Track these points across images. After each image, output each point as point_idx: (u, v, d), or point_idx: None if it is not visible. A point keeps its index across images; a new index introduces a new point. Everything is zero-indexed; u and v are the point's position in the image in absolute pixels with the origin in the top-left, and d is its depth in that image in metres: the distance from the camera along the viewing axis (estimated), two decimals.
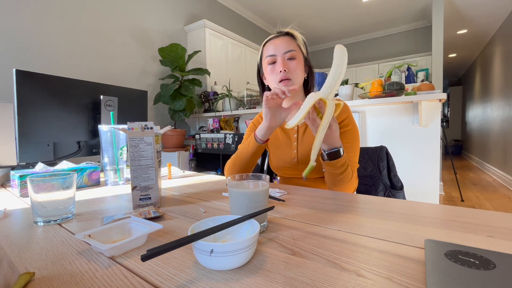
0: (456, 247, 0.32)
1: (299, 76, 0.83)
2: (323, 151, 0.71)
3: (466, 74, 7.68)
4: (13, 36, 1.85)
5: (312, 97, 0.61)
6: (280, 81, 0.81)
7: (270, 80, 0.85)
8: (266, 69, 0.85)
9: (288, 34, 0.84)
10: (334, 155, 0.69)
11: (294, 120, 0.61)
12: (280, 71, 0.80)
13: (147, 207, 0.57)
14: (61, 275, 0.31)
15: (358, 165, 0.84)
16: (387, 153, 0.99)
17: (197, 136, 2.56)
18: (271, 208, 0.44)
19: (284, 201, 0.62)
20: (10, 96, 1.74)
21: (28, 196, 0.69)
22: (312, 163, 0.58)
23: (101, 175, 0.97)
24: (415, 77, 3.87)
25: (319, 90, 0.63)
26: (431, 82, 3.68)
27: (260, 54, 0.89)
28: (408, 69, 3.77)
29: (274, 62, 0.83)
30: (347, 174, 0.73)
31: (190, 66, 3.07)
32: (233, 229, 0.38)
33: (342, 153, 0.70)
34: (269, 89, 0.89)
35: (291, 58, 0.81)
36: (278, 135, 0.94)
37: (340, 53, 0.60)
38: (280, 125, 0.78)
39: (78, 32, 2.21)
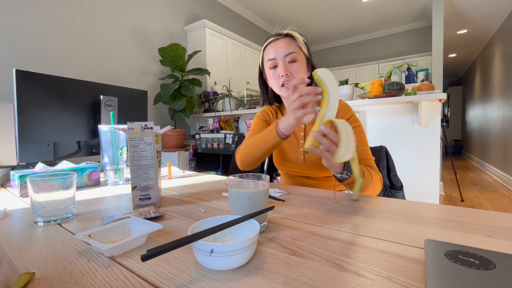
0: (456, 247, 0.32)
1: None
2: (336, 175, 0.67)
3: (466, 74, 7.67)
4: (13, 36, 1.85)
5: (340, 122, 0.57)
6: (282, 85, 0.81)
7: (273, 84, 0.85)
8: (269, 73, 0.85)
9: (287, 35, 0.83)
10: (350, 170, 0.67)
11: (348, 154, 0.55)
12: (282, 76, 0.80)
13: (147, 207, 0.57)
14: (61, 275, 0.31)
15: (374, 158, 0.82)
16: (387, 153, 0.99)
17: (197, 136, 2.56)
18: (271, 208, 0.44)
19: (284, 201, 0.62)
20: (10, 96, 1.74)
21: (28, 196, 0.69)
22: (360, 179, 0.58)
23: (101, 175, 0.97)
24: (415, 77, 3.87)
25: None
26: (431, 82, 3.68)
27: (261, 57, 0.89)
28: (408, 69, 3.77)
29: (275, 66, 0.82)
30: (367, 180, 0.68)
31: (190, 66, 3.06)
32: (233, 229, 0.38)
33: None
34: (273, 91, 0.90)
35: (292, 61, 0.80)
36: None
37: (325, 75, 0.59)
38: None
39: (78, 32, 2.21)
